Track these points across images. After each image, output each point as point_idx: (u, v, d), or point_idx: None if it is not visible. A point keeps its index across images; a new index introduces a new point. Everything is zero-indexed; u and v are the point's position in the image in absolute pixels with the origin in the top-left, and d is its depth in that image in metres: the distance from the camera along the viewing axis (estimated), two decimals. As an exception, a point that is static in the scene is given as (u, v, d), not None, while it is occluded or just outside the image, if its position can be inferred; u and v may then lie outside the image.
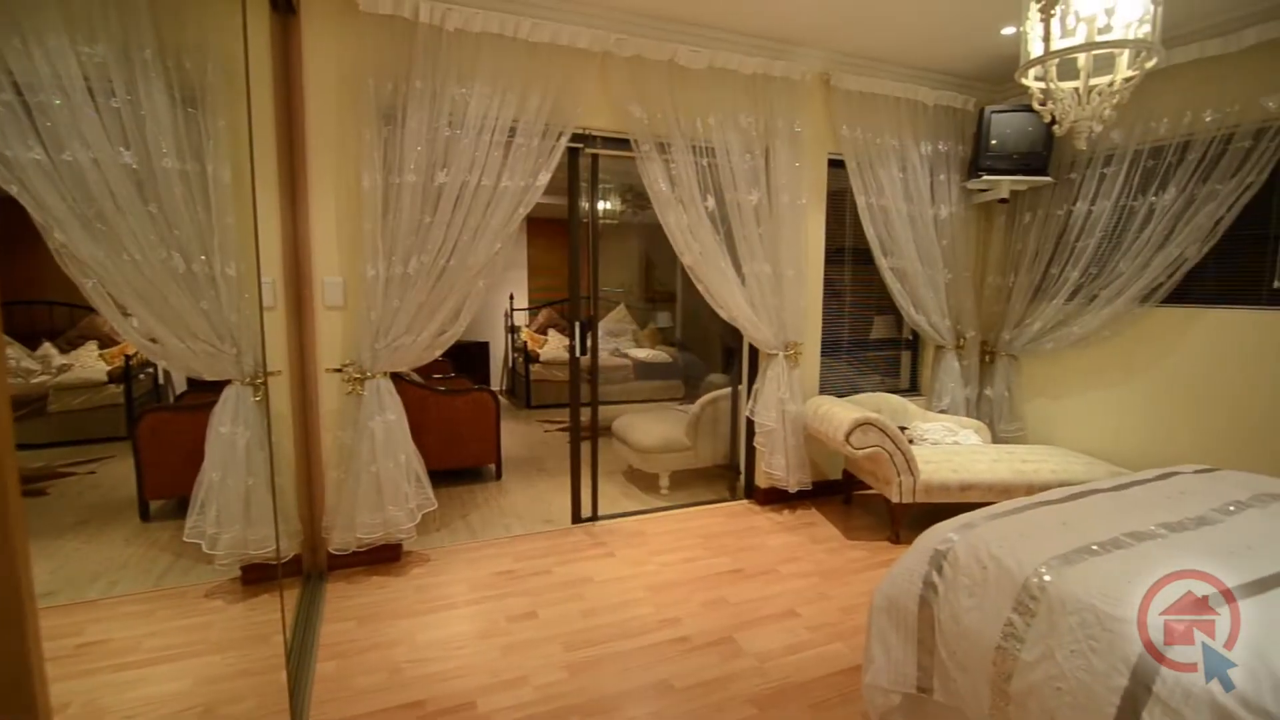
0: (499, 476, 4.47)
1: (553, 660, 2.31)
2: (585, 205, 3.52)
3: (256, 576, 2.75)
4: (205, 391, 2.67)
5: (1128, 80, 1.88)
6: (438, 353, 3.03)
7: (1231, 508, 1.89)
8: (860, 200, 3.84)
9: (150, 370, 3.98)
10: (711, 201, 3.44)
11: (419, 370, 4.65)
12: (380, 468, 2.85)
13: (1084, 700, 1.34)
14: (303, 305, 2.85)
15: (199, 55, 2.38)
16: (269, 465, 2.53)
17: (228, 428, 2.53)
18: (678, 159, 3.32)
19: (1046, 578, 1.52)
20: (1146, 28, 1.78)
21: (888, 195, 3.86)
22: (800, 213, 3.66)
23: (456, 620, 2.58)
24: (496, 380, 8.09)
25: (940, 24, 3.29)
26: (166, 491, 3.27)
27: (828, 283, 4.04)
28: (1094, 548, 1.62)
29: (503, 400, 7.52)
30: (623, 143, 3.32)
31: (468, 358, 7.41)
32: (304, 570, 2.93)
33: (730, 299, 3.55)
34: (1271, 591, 1.38)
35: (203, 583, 2.78)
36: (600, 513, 3.69)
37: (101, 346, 3.94)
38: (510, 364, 7.90)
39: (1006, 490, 3.23)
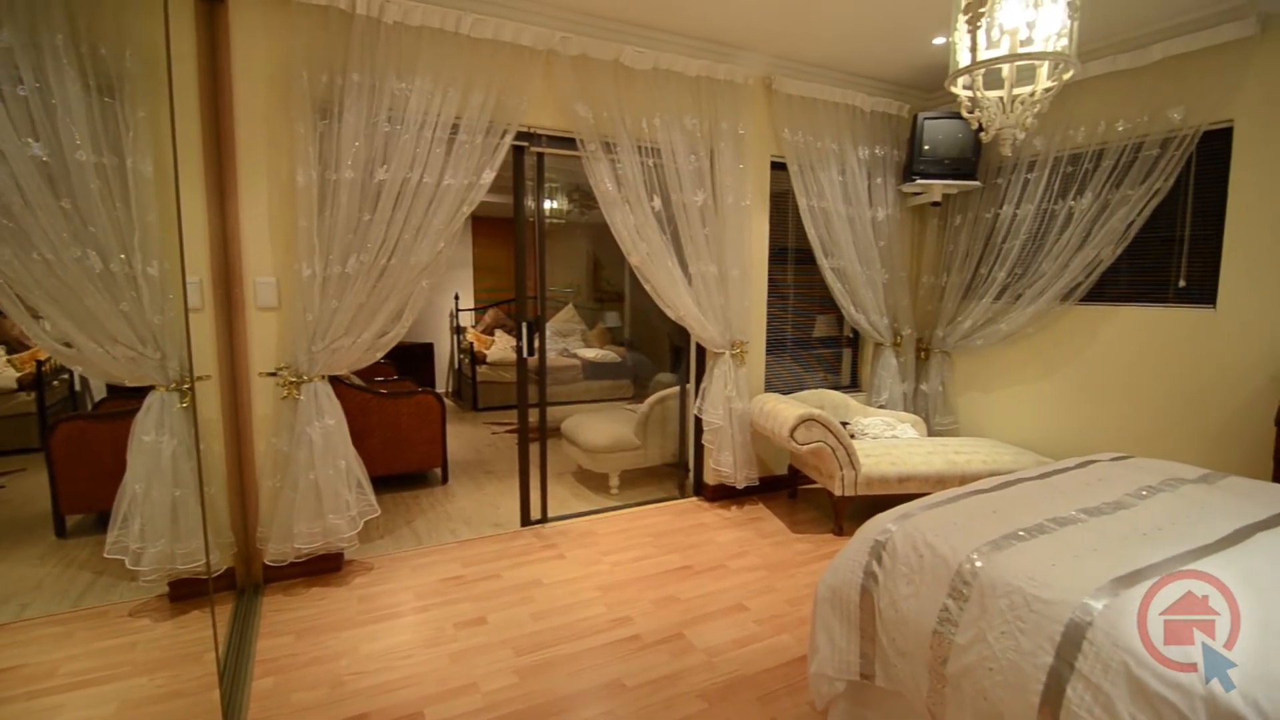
0: (445, 481, 4.39)
1: (502, 665, 2.28)
2: (531, 204, 3.49)
3: (186, 592, 2.62)
4: (127, 398, 2.53)
5: (1047, 90, 1.99)
6: (379, 355, 2.95)
7: (1144, 492, 2.02)
8: (802, 202, 3.93)
9: (65, 376, 3.74)
10: (658, 202, 3.46)
11: (360, 373, 4.52)
12: (319, 475, 2.75)
13: (1014, 679, 1.41)
14: (233, 306, 2.73)
15: (116, 42, 2.25)
16: (197, 475, 2.41)
17: (152, 436, 2.40)
18: (624, 159, 3.33)
19: (978, 564, 1.60)
20: (1064, 41, 1.88)
21: (828, 197, 3.96)
22: (744, 214, 3.72)
23: (402, 629, 2.52)
24: (442, 382, 7.93)
25: (875, 33, 3.40)
26: (84, 506, 3.08)
27: (771, 283, 4.12)
28: (1021, 533, 1.70)
29: (449, 403, 7.37)
30: (569, 142, 3.30)
31: (412, 360, 7.24)
32: (237, 584, 2.80)
33: (677, 299, 3.58)
34: (1180, 570, 1.48)
35: (126, 601, 2.63)
36: (550, 514, 3.67)
37: (10, 351, 3.68)
38: (456, 365, 7.75)
39: (941, 481, 3.38)
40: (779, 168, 3.96)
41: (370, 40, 2.71)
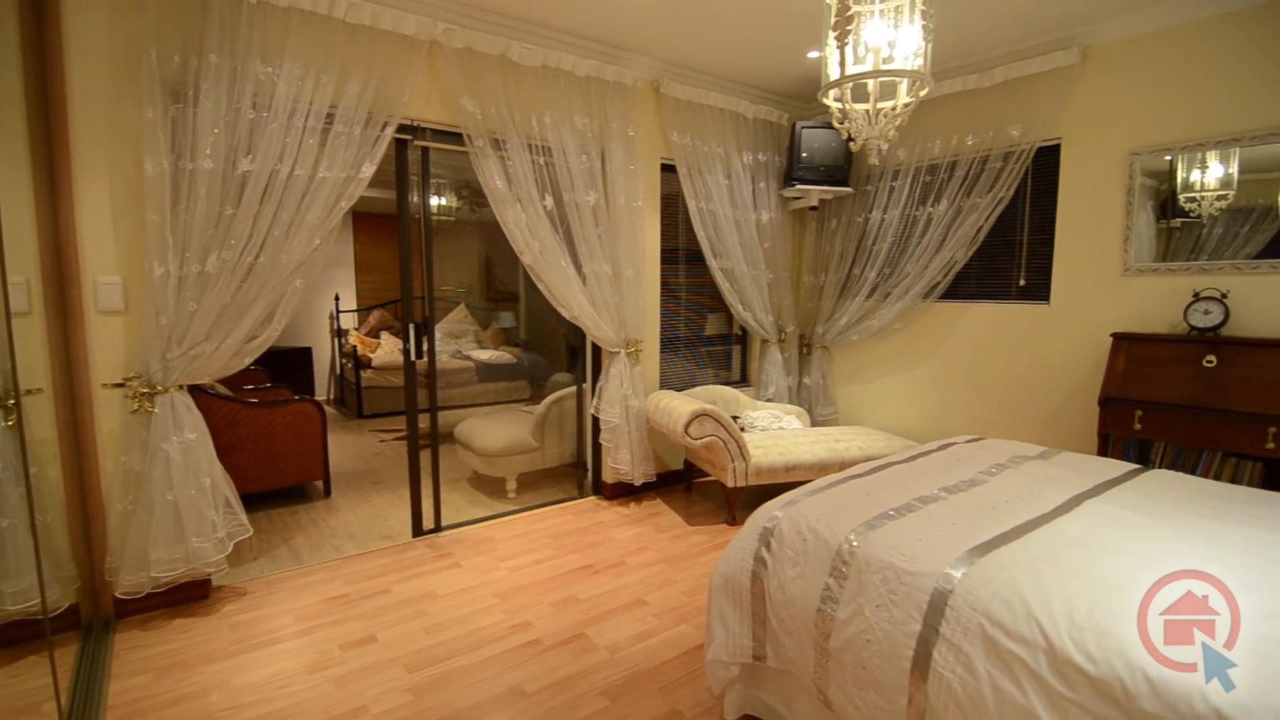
0: (328, 494, 4.13)
1: (394, 684, 2.18)
2: (417, 200, 3.35)
3: (18, 636, 2.30)
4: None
5: (906, 105, 2.17)
6: (247, 361, 2.72)
7: (994, 470, 2.25)
8: (691, 204, 4.04)
9: None
10: (550, 200, 3.43)
11: (227, 381, 4.16)
12: (179, 495, 2.50)
13: (888, 648, 1.53)
14: (69, 310, 2.42)
15: (-92, 4, 1.94)
16: (27, 502, 2.12)
17: (-33, 460, 2.09)
18: (514, 156, 3.28)
19: (855, 543, 1.71)
20: (920, 61, 2.06)
21: (715, 200, 4.10)
22: (636, 214, 3.77)
23: (281, 656, 2.35)
24: (323, 389, 7.45)
25: (756, 42, 3.56)
26: (-122, 545, 2.62)
27: (664, 283, 4.21)
28: (891, 512, 1.85)
29: (330, 410, 6.94)
30: (456, 137, 3.20)
31: (287, 365, 6.74)
32: (83, 622, 2.49)
33: (572, 298, 3.57)
34: (1023, 537, 1.66)
35: (-63, 652, 2.27)
36: (444, 523, 3.54)
37: None
38: (338, 371, 7.30)
39: (823, 468, 3.59)
40: (669, 170, 4.04)
41: (231, 19, 2.50)
